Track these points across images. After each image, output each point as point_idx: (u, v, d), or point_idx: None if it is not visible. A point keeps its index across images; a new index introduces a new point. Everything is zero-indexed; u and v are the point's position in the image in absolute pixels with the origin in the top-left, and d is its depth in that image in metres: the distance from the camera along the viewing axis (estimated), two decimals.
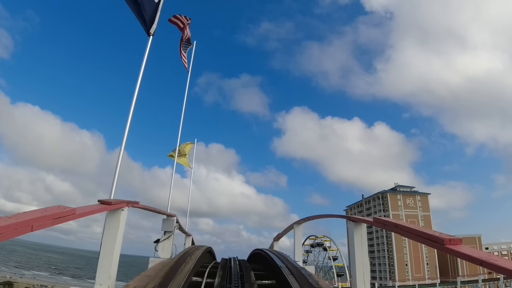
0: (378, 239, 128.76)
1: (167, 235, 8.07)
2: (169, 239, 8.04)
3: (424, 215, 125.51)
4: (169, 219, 8.26)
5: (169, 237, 8.03)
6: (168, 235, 8.06)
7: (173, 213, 8.59)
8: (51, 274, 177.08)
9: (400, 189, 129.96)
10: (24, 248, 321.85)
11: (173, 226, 8.20)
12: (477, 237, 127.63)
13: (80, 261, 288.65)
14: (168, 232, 8.12)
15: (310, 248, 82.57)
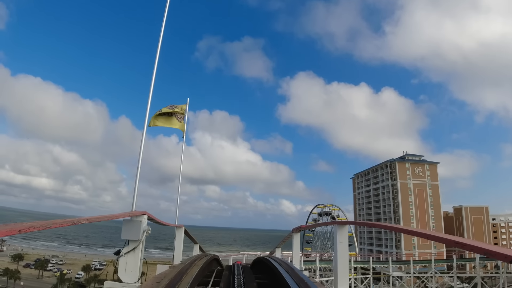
0: (385, 207, 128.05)
1: (132, 246, 5.12)
2: (134, 252, 5.10)
3: (432, 185, 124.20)
4: (134, 221, 5.23)
5: (135, 249, 5.11)
6: (133, 246, 5.12)
7: (143, 211, 5.63)
8: (60, 244, 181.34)
9: (409, 157, 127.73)
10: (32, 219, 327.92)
11: (140, 231, 5.13)
12: (484, 208, 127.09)
13: (89, 230, 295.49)
14: (133, 242, 5.14)
15: (317, 217, 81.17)
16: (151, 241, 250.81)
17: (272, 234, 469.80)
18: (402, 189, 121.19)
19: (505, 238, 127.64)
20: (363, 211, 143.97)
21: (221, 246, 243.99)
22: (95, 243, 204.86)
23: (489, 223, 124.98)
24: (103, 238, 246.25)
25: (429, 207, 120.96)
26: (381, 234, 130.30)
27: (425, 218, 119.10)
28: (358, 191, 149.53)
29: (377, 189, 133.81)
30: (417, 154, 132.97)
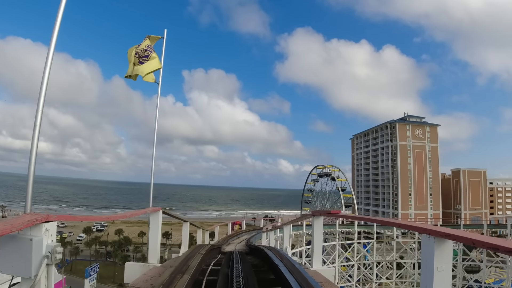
0: (383, 168, 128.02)
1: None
2: None
3: (432, 147, 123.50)
4: (20, 239, 2.68)
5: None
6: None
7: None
8: (60, 207, 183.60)
9: (409, 119, 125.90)
10: (34, 184, 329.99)
11: (34, 258, 2.60)
12: (482, 172, 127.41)
13: (89, 192, 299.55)
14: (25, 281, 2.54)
15: (317, 177, 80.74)
16: (148, 201, 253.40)
17: (270, 193, 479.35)
18: (402, 150, 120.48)
19: (501, 202, 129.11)
20: (361, 171, 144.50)
21: (221, 206, 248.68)
22: (95, 204, 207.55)
23: (486, 187, 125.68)
24: (103, 199, 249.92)
25: (427, 169, 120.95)
26: (378, 194, 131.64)
27: (423, 180, 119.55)
28: (356, 152, 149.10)
29: (376, 150, 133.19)
30: (418, 116, 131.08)
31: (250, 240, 15.41)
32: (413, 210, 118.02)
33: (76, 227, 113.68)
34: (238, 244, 15.04)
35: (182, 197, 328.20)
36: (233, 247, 13.33)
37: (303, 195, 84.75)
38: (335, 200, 74.36)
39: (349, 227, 34.00)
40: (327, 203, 76.71)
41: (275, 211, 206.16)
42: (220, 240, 14.98)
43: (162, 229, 47.50)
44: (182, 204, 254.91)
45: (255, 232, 23.68)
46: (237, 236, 19.33)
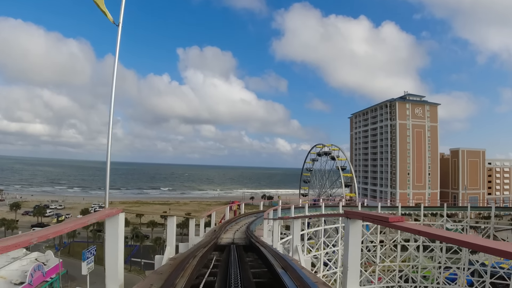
0: (382, 147, 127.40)
1: None
2: None
3: (432, 126, 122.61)
4: None
5: None
6: None
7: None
8: (60, 188, 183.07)
9: (409, 97, 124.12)
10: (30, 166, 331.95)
11: None
12: (481, 152, 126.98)
13: (85, 173, 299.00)
14: None
15: (316, 156, 79.65)
16: (146, 181, 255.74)
17: (267, 172, 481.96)
18: (401, 129, 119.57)
19: (499, 183, 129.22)
20: (360, 150, 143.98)
21: (219, 185, 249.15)
22: (92, 185, 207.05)
23: (484, 167, 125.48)
24: (100, 180, 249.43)
25: (426, 148, 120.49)
26: (376, 173, 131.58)
27: (421, 160, 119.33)
28: (355, 131, 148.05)
29: (375, 129, 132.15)
30: (418, 94, 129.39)
31: (250, 227, 14.10)
32: (411, 190, 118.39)
33: (74, 209, 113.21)
34: (237, 231, 13.72)
35: (180, 176, 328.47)
36: (231, 235, 11.98)
37: (302, 174, 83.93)
38: (335, 179, 73.53)
39: (352, 209, 32.82)
40: (326, 183, 75.93)
41: (273, 190, 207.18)
42: (216, 228, 13.60)
43: (159, 208, 45.95)
44: (180, 183, 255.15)
45: (255, 216, 22.48)
46: (236, 221, 17.99)
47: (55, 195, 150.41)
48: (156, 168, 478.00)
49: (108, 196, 6.59)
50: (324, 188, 76.07)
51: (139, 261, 63.44)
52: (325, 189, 75.62)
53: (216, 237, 9.67)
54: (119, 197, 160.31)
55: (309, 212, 27.94)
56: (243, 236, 12.08)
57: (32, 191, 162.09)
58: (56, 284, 48.29)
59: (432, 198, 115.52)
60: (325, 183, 76.94)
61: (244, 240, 10.75)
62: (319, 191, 76.62)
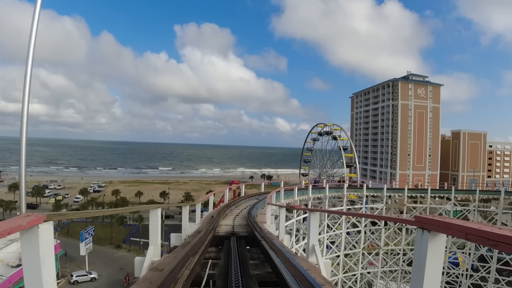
0: (383, 128, 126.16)
1: None
2: None
3: (434, 107, 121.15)
4: None
5: None
6: None
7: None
8: (58, 168, 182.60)
9: (412, 77, 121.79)
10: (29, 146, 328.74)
11: None
12: (482, 134, 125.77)
13: (84, 153, 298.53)
14: None
15: (317, 136, 78.25)
16: (145, 161, 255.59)
17: (267, 152, 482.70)
18: (403, 110, 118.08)
19: (499, 166, 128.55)
20: (360, 130, 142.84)
21: (218, 165, 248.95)
22: (91, 165, 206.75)
23: (485, 150, 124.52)
24: (100, 159, 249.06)
25: (427, 129, 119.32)
26: (377, 154, 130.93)
27: (422, 141, 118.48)
28: (356, 111, 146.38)
29: (377, 109, 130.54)
30: (421, 75, 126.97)
31: (252, 212, 12.89)
32: (411, 171, 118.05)
33: (73, 189, 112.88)
34: (237, 216, 12.53)
35: (179, 156, 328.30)
36: (231, 222, 10.76)
37: (302, 154, 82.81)
38: (336, 159, 72.42)
39: (357, 191, 31.96)
40: (327, 163, 74.87)
41: (272, 170, 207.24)
42: (215, 213, 12.36)
43: (159, 188, 44.55)
44: (179, 163, 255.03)
45: (256, 199, 21.29)
46: (236, 205, 16.75)
47: (54, 175, 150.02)
48: (156, 147, 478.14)
49: (24, 198, 5.11)
50: (325, 168, 75.10)
51: (138, 241, 63.26)
52: (326, 169, 74.67)
53: (214, 226, 8.42)
54: (118, 177, 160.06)
55: (313, 193, 26.86)
56: (244, 223, 10.90)
57: (31, 171, 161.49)
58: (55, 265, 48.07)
59: (432, 179, 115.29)
60: (325, 163, 75.94)
61: (245, 228, 9.56)
62: (319, 171, 75.72)
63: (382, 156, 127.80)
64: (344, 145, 70.05)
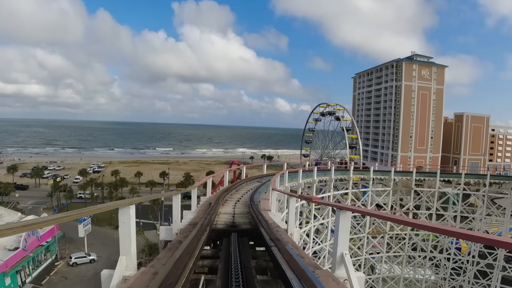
0: (385, 109, 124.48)
1: None
2: None
3: (438, 89, 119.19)
4: None
5: None
6: None
7: None
8: (58, 149, 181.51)
9: (416, 58, 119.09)
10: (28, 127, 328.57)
11: None
12: (485, 117, 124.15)
13: (84, 133, 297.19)
14: None
15: (319, 116, 76.63)
16: (145, 141, 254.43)
17: (267, 132, 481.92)
18: (406, 91, 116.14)
19: (501, 150, 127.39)
20: (362, 111, 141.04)
21: (219, 145, 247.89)
22: (91, 145, 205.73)
23: (487, 133, 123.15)
24: (100, 139, 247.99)
25: (431, 111, 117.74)
26: (378, 135, 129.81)
27: (425, 123, 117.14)
28: (358, 91, 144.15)
29: (379, 90, 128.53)
30: (425, 55, 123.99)
31: (254, 198, 11.64)
32: (413, 153, 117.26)
33: (73, 169, 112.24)
34: (238, 202, 11.30)
35: (179, 136, 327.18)
36: (231, 209, 9.53)
37: (303, 134, 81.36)
38: (338, 140, 71.03)
39: (363, 174, 30.80)
40: (329, 144, 73.53)
41: (272, 150, 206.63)
42: (213, 199, 11.11)
43: (159, 168, 43.51)
44: (179, 143, 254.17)
45: (258, 181, 20.04)
46: (236, 188, 15.51)
47: (54, 156, 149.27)
48: (156, 127, 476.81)
49: None
50: (327, 149, 73.83)
51: (138, 221, 62.84)
52: (328, 150, 73.43)
53: (211, 217, 7.17)
54: (118, 157, 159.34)
55: (318, 175, 25.64)
56: (245, 211, 9.68)
57: (30, 152, 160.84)
58: (53, 247, 47.63)
59: (433, 162, 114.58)
60: (327, 144, 74.68)
61: (247, 218, 8.35)
62: (321, 152, 74.50)
63: (383, 138, 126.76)
64: (347, 126, 68.53)
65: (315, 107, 76.87)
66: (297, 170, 23.79)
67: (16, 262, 37.71)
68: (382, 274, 31.33)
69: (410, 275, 31.99)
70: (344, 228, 3.93)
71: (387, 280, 31.89)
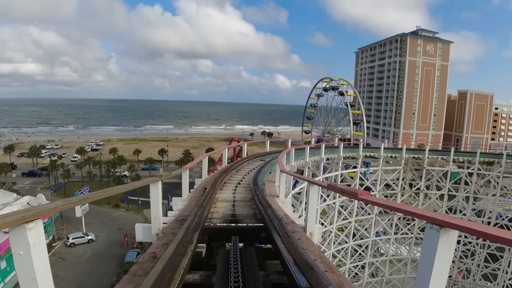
0: (388, 85, 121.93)
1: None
2: None
3: (442, 65, 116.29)
4: None
5: None
6: None
7: None
8: (55, 128, 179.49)
9: (422, 33, 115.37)
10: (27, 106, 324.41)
11: None
12: (489, 96, 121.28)
13: (81, 111, 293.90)
14: None
15: (322, 91, 74.15)
16: (144, 118, 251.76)
17: (267, 109, 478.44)
18: (410, 67, 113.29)
19: (504, 129, 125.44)
20: (364, 87, 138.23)
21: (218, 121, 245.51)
22: (90, 124, 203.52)
23: (491, 112, 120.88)
24: (98, 117, 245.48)
25: (434, 88, 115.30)
26: (380, 112, 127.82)
27: (428, 100, 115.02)
28: (361, 67, 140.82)
29: (383, 65, 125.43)
30: (431, 30, 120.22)
31: (258, 180, 9.90)
32: (415, 130, 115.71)
33: (71, 148, 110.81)
34: (239, 186, 9.59)
35: (178, 113, 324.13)
36: (231, 196, 7.81)
37: (305, 110, 79.03)
38: (342, 117, 68.84)
39: (373, 151, 29.06)
40: (332, 120, 71.33)
41: (272, 127, 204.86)
42: (208, 183, 9.31)
43: (158, 145, 41.77)
44: (178, 120, 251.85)
45: (260, 160, 18.27)
46: (236, 169, 13.71)
47: (52, 135, 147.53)
48: (154, 104, 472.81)
49: None
50: (329, 125, 71.70)
51: (136, 200, 61.92)
52: (331, 127, 71.33)
53: (204, 210, 5.42)
54: (116, 135, 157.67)
55: (326, 153, 23.82)
56: (248, 197, 7.98)
57: (28, 132, 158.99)
58: (50, 228, 46.50)
59: (435, 140, 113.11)
60: (330, 121, 72.58)
61: (251, 209, 6.67)
62: (323, 129, 72.40)
63: (386, 115, 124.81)
64: (351, 101, 66.22)
65: (318, 81, 74.07)
66: (303, 147, 22.01)
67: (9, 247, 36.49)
68: (390, 256, 30.23)
69: (417, 257, 30.91)
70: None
71: (394, 262, 30.87)
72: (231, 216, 6.06)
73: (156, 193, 4.79)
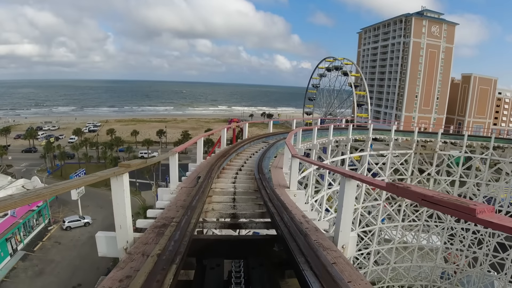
0: (391, 67, 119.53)
1: None
2: None
3: (447, 47, 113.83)
4: None
5: None
6: None
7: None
8: (51, 109, 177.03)
9: (427, 14, 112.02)
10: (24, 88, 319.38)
11: None
12: (493, 80, 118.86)
13: (79, 92, 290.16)
14: None
15: (324, 71, 71.70)
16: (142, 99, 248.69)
17: (266, 90, 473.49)
18: (414, 48, 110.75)
19: (506, 114, 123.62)
20: (367, 69, 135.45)
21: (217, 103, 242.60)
22: (87, 104, 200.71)
23: (494, 96, 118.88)
24: (96, 98, 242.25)
25: (438, 71, 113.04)
26: (382, 94, 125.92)
27: (431, 83, 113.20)
28: (363, 48, 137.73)
29: (386, 47, 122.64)
30: (436, 11, 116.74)
31: (263, 166, 8.39)
32: (417, 113, 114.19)
33: (68, 129, 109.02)
34: (240, 172, 8.15)
35: (177, 94, 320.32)
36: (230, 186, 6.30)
37: (307, 91, 76.82)
38: (345, 98, 66.71)
39: (383, 134, 27.49)
40: (334, 102, 69.21)
41: (272, 109, 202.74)
42: (203, 171, 7.75)
43: (156, 126, 39.85)
44: (177, 101, 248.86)
45: (263, 142, 16.72)
46: (237, 152, 12.17)
47: (49, 117, 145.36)
48: (152, 85, 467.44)
49: None
50: (332, 107, 69.57)
51: (134, 181, 60.74)
52: (333, 108, 69.24)
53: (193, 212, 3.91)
54: (114, 116, 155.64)
55: (334, 135, 22.10)
56: (251, 187, 6.49)
57: (25, 113, 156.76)
58: (45, 211, 45.38)
59: (438, 123, 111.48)
60: (333, 102, 70.51)
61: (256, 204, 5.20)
62: (326, 110, 70.32)
63: (388, 97, 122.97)
64: (355, 81, 63.97)
65: (321, 61, 71.47)
66: (311, 128, 20.44)
67: (5, 230, 35.52)
68: (396, 244, 29.19)
69: (424, 244, 29.96)
70: None
71: (400, 250, 29.87)
72: (230, 216, 4.61)
73: (120, 191, 3.23)
